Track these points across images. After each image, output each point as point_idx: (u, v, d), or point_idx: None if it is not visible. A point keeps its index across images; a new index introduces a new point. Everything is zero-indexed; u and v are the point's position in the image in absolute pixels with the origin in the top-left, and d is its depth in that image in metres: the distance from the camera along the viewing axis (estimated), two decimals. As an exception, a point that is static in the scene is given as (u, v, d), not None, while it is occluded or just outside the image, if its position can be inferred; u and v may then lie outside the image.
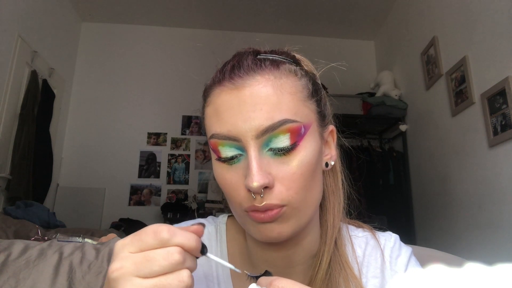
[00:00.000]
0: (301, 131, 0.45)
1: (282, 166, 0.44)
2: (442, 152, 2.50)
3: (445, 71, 2.46)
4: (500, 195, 1.92)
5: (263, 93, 0.44)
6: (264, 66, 0.47)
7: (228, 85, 0.46)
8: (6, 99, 2.52)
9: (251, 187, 0.42)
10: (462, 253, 2.16)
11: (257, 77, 0.45)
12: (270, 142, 0.44)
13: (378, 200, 2.90)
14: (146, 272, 0.33)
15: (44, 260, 0.80)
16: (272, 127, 0.43)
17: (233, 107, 0.45)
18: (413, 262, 0.55)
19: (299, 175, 0.44)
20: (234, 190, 0.45)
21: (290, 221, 0.45)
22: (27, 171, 2.60)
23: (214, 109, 0.47)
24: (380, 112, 3.08)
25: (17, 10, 2.62)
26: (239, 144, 0.44)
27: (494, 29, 1.98)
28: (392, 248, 0.56)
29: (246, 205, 0.44)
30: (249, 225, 0.47)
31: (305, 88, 0.48)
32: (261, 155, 0.44)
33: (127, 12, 3.59)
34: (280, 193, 0.43)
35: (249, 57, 0.48)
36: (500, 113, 1.92)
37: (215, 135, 0.46)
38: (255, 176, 0.41)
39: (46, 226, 2.14)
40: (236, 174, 0.45)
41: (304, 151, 0.45)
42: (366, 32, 3.83)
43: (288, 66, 0.48)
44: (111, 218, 3.11)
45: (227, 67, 0.48)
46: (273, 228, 0.44)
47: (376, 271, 0.54)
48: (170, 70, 3.68)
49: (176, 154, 3.57)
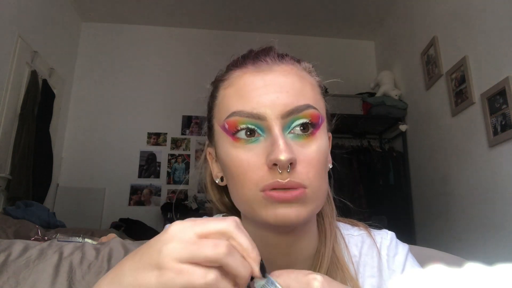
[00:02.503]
0: (319, 120, 0.47)
1: (302, 150, 0.45)
2: (442, 152, 2.50)
3: (445, 71, 2.46)
4: (500, 195, 1.92)
5: (289, 79, 0.47)
6: (287, 59, 0.50)
7: (251, 68, 0.48)
8: (6, 99, 2.52)
9: (279, 160, 0.41)
10: (462, 253, 2.16)
11: (282, 66, 0.48)
12: (292, 124, 0.45)
13: (378, 200, 2.90)
14: (186, 253, 0.31)
15: (44, 260, 0.80)
16: (298, 109, 0.45)
17: (258, 88, 0.46)
18: (411, 260, 0.55)
19: (317, 160, 0.45)
20: (251, 170, 0.44)
21: (308, 205, 0.45)
22: (27, 171, 2.60)
23: (236, 89, 0.47)
24: (380, 112, 3.08)
25: (17, 10, 2.62)
26: (261, 123, 0.45)
27: (494, 29, 1.98)
28: (388, 246, 0.55)
29: (265, 183, 0.43)
30: (261, 209, 0.45)
31: (319, 86, 0.52)
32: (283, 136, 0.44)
33: (127, 12, 3.59)
34: (301, 173, 0.44)
35: (273, 49, 0.51)
36: (500, 113, 1.92)
37: (237, 113, 0.45)
38: (284, 150, 0.42)
39: (46, 226, 2.14)
40: (254, 154, 0.45)
41: (320, 139, 0.47)
42: (366, 32, 3.83)
43: (306, 64, 0.52)
44: (111, 218, 3.11)
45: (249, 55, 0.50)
46: (291, 210, 0.43)
47: (373, 271, 0.53)
48: (170, 70, 3.68)
49: (176, 154, 3.57)
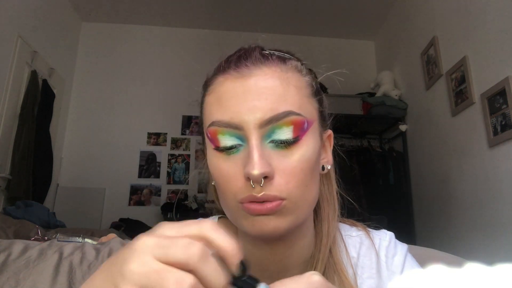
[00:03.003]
0: (304, 126, 0.44)
1: (283, 159, 0.43)
2: (442, 152, 2.50)
3: (445, 71, 2.46)
4: (500, 195, 1.92)
5: (269, 83, 0.44)
6: (271, 59, 0.47)
7: (233, 73, 0.45)
8: (6, 99, 2.52)
9: (251, 174, 0.40)
10: (462, 253, 2.16)
11: (264, 69, 0.45)
12: (272, 133, 0.43)
13: (378, 200, 2.90)
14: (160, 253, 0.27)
15: (44, 260, 0.80)
16: (276, 117, 0.43)
17: (237, 95, 0.44)
18: (410, 260, 0.54)
19: (299, 169, 0.43)
20: (230, 181, 0.44)
21: (287, 217, 0.43)
22: (27, 171, 2.60)
23: (216, 97, 0.46)
24: (380, 112, 3.08)
25: (17, 10, 2.62)
26: (240, 133, 0.43)
27: (494, 29, 1.98)
28: (387, 247, 0.54)
29: (242, 196, 0.43)
30: (242, 219, 0.44)
31: (309, 85, 0.49)
32: (262, 145, 0.43)
33: (127, 12, 3.59)
34: (280, 185, 0.42)
35: (256, 50, 0.48)
36: (500, 113, 1.92)
37: (216, 123, 0.44)
38: (256, 164, 0.40)
39: (46, 226, 2.14)
40: (233, 165, 0.44)
41: (305, 146, 0.44)
42: (366, 32, 3.83)
43: (294, 62, 0.49)
44: (111, 218, 3.11)
45: (232, 57, 0.48)
46: (269, 222, 0.42)
47: (372, 272, 0.52)
48: (170, 70, 3.68)
49: (176, 154, 3.57)
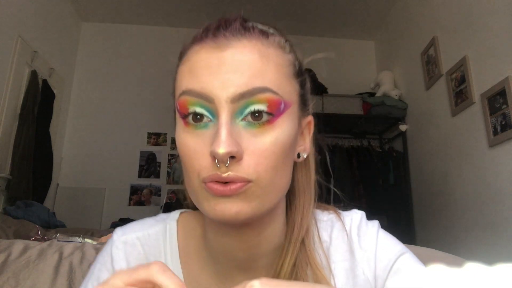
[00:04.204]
0: (280, 106, 0.41)
1: (254, 140, 0.40)
2: (442, 152, 2.50)
3: (445, 71, 2.46)
4: (500, 195, 1.92)
5: (247, 57, 0.41)
6: (253, 32, 0.44)
7: (210, 43, 0.42)
8: (6, 99, 2.52)
9: (216, 153, 0.37)
10: (462, 253, 2.16)
11: (244, 41, 0.42)
12: (245, 109, 0.40)
13: (378, 200, 2.90)
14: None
15: (44, 260, 0.80)
16: (251, 92, 0.40)
17: (211, 66, 0.41)
18: (382, 235, 0.52)
19: (271, 152, 0.40)
20: (195, 158, 0.41)
21: (253, 202, 0.40)
22: (27, 171, 2.60)
23: (189, 67, 0.43)
24: (380, 112, 3.08)
25: (17, 10, 2.62)
26: (210, 106, 0.40)
27: (494, 29, 1.98)
28: (358, 226, 0.52)
29: (206, 174, 0.40)
30: (204, 201, 0.41)
31: (291, 65, 0.45)
32: (233, 124, 0.40)
33: (127, 12, 3.59)
34: (248, 166, 0.39)
35: (237, 20, 0.45)
36: (500, 113, 1.92)
37: (186, 92, 0.41)
38: (223, 142, 0.37)
39: (46, 226, 2.14)
40: (201, 141, 0.41)
41: (280, 129, 0.41)
42: (366, 32, 3.83)
43: (278, 38, 0.45)
44: (111, 218, 3.11)
45: (211, 26, 0.44)
46: (232, 205, 0.39)
47: (345, 254, 0.51)
48: (170, 70, 3.67)
49: (176, 154, 3.56)
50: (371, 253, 0.50)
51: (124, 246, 0.51)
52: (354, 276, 0.49)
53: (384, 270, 0.48)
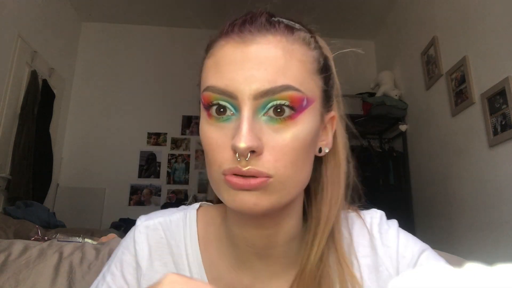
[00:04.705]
0: (302, 103, 0.42)
1: (274, 135, 0.41)
2: (442, 152, 2.51)
3: (445, 71, 2.46)
4: (500, 195, 1.92)
5: (271, 53, 0.42)
6: (278, 27, 0.44)
7: (235, 38, 0.43)
8: (6, 99, 2.52)
9: (237, 147, 0.38)
10: (462, 253, 2.16)
11: (269, 37, 0.43)
12: (267, 106, 0.41)
13: (378, 200, 2.89)
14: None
15: (44, 260, 0.80)
16: (273, 90, 0.40)
17: (235, 62, 0.41)
18: (402, 232, 0.54)
19: (291, 148, 0.41)
20: (217, 150, 0.42)
21: (272, 195, 0.41)
22: (27, 171, 2.60)
23: (215, 61, 0.44)
24: (380, 112, 3.08)
25: (17, 10, 2.62)
26: (234, 102, 0.41)
27: (494, 29, 1.98)
28: (379, 224, 0.54)
29: (226, 167, 0.40)
30: (224, 192, 0.42)
31: (315, 61, 0.46)
32: (255, 119, 0.41)
33: (127, 12, 3.59)
34: (268, 162, 0.40)
35: (263, 15, 0.46)
36: (500, 113, 1.92)
37: (211, 88, 0.42)
38: (243, 137, 0.38)
39: (46, 226, 2.14)
40: (223, 134, 0.42)
41: (301, 125, 0.42)
42: (366, 32, 3.83)
43: (303, 34, 0.46)
44: (111, 218, 3.11)
45: (238, 21, 0.45)
46: (250, 197, 0.40)
47: (367, 250, 0.52)
48: (170, 70, 3.68)
49: (176, 154, 3.57)
50: (393, 250, 0.51)
51: (146, 230, 0.53)
52: (377, 272, 0.50)
53: (408, 266, 0.49)
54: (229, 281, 0.51)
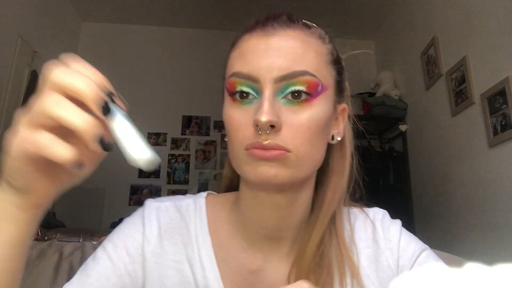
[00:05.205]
0: (318, 88, 0.46)
1: (292, 115, 0.45)
2: (442, 152, 2.50)
3: (445, 71, 2.46)
4: (500, 195, 1.92)
5: (290, 44, 0.47)
6: (297, 24, 0.51)
7: (259, 32, 0.49)
8: (6, 99, 2.52)
9: (259, 121, 0.42)
10: (462, 253, 2.16)
11: (288, 31, 0.48)
12: (286, 89, 0.45)
13: (378, 200, 2.89)
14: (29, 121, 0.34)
15: (44, 260, 0.80)
16: (292, 75, 0.45)
17: (259, 51, 0.47)
18: (405, 231, 0.56)
19: (306, 127, 0.45)
20: (239, 129, 0.46)
21: (290, 168, 0.45)
22: (27, 171, 2.60)
23: (239, 52, 0.49)
24: (380, 112, 3.08)
25: (17, 10, 2.62)
26: (256, 86, 0.46)
27: (494, 29, 1.98)
28: (382, 219, 0.57)
29: (248, 142, 0.45)
30: (245, 165, 0.46)
31: (330, 53, 0.52)
32: (275, 99, 0.45)
33: (127, 12, 3.59)
34: (286, 137, 0.44)
35: (284, 14, 0.52)
36: (500, 113, 1.92)
37: (236, 74, 0.47)
38: (265, 112, 0.42)
39: (46, 226, 2.14)
40: (245, 114, 0.46)
41: (316, 108, 0.46)
42: (366, 32, 3.83)
43: (319, 30, 0.53)
44: (111, 218, 3.10)
45: (260, 18, 0.51)
46: (270, 168, 0.44)
47: (368, 242, 0.55)
48: (170, 70, 3.68)
49: (176, 154, 3.57)
50: (394, 244, 0.54)
51: (157, 211, 0.56)
52: (377, 262, 0.53)
53: (409, 261, 0.52)
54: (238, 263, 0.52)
